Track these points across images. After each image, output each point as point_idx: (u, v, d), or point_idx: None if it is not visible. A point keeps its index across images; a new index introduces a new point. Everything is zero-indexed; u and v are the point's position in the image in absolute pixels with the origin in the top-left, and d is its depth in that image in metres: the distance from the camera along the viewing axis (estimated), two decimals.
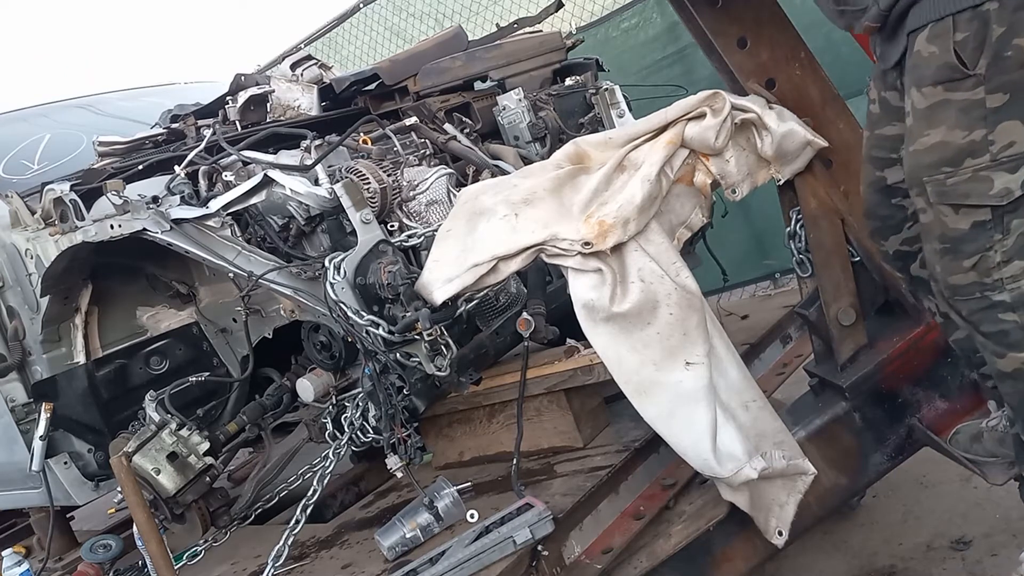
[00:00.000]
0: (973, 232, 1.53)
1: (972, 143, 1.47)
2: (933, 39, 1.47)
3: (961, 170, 1.49)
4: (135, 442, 2.36)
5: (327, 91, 3.07)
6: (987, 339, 1.62)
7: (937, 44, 1.46)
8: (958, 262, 1.56)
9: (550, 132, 2.85)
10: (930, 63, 1.48)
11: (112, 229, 2.25)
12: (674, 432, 1.78)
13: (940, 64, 1.46)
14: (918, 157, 1.55)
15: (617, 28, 5.15)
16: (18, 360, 2.65)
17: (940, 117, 1.49)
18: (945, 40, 1.45)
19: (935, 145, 1.51)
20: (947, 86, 1.47)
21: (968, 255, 1.55)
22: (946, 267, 1.59)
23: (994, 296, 1.56)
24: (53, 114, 3.77)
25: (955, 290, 1.60)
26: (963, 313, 1.62)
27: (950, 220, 1.54)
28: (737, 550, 1.98)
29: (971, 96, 1.45)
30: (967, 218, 1.52)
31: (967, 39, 1.43)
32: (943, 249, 1.58)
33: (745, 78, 1.96)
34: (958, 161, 1.49)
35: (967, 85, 1.45)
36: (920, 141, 1.53)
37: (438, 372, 2.00)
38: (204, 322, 2.76)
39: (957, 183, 1.51)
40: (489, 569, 1.81)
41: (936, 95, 1.49)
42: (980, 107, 1.45)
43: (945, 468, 2.62)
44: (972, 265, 1.55)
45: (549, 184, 1.83)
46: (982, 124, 1.46)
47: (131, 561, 2.73)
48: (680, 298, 1.75)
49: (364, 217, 2.05)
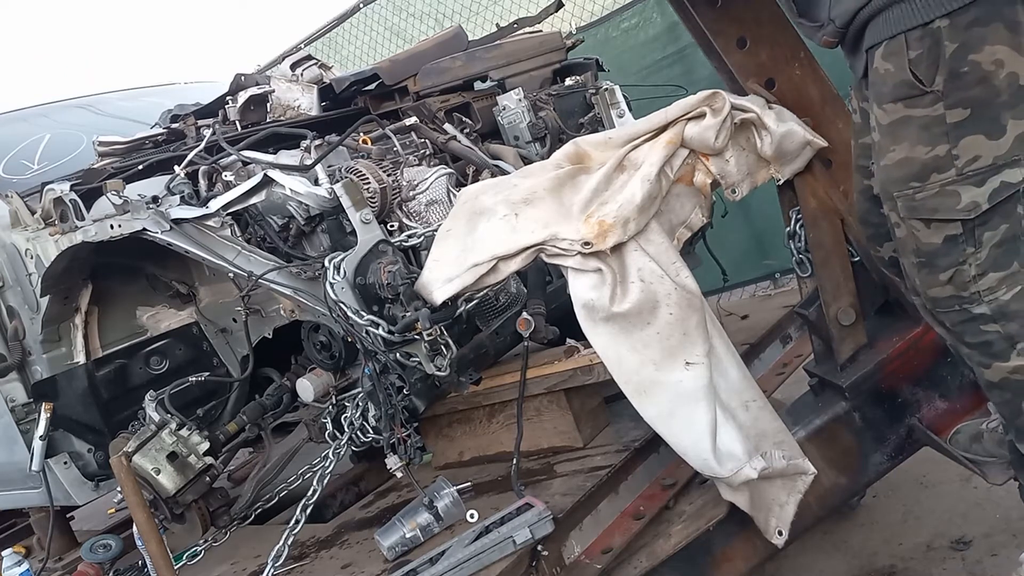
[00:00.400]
0: (946, 246, 1.53)
1: (936, 158, 1.48)
2: (888, 56, 1.47)
3: (928, 185, 1.50)
4: (135, 442, 2.36)
5: (327, 91, 3.07)
6: (972, 350, 1.62)
7: (892, 62, 1.47)
8: (934, 276, 1.57)
9: (550, 132, 2.85)
10: (887, 80, 1.49)
11: (112, 229, 2.25)
12: (674, 432, 1.78)
13: (897, 81, 1.47)
14: (887, 172, 1.56)
15: (617, 28, 5.15)
16: (18, 360, 2.65)
17: (903, 133, 1.50)
18: (900, 58, 1.45)
19: (901, 161, 1.52)
20: (906, 103, 1.47)
21: (943, 268, 1.55)
22: (924, 280, 1.59)
23: (973, 309, 1.56)
24: (53, 114, 3.77)
25: (935, 303, 1.61)
26: (947, 325, 1.63)
27: (922, 235, 1.55)
28: (737, 550, 1.98)
29: (930, 112, 1.45)
30: (939, 232, 1.53)
31: (920, 56, 1.43)
32: (919, 263, 1.59)
33: (745, 78, 1.95)
34: (924, 176, 1.50)
35: (925, 102, 1.45)
36: (888, 156, 1.54)
37: (438, 372, 2.00)
38: (204, 322, 2.76)
39: (925, 198, 1.51)
40: (489, 569, 1.81)
41: (897, 111, 1.49)
42: (941, 123, 1.45)
43: (945, 468, 2.62)
44: (948, 279, 1.56)
45: (549, 184, 1.83)
46: (944, 139, 1.46)
47: (131, 561, 2.73)
48: (680, 298, 1.75)
49: (364, 217, 2.05)
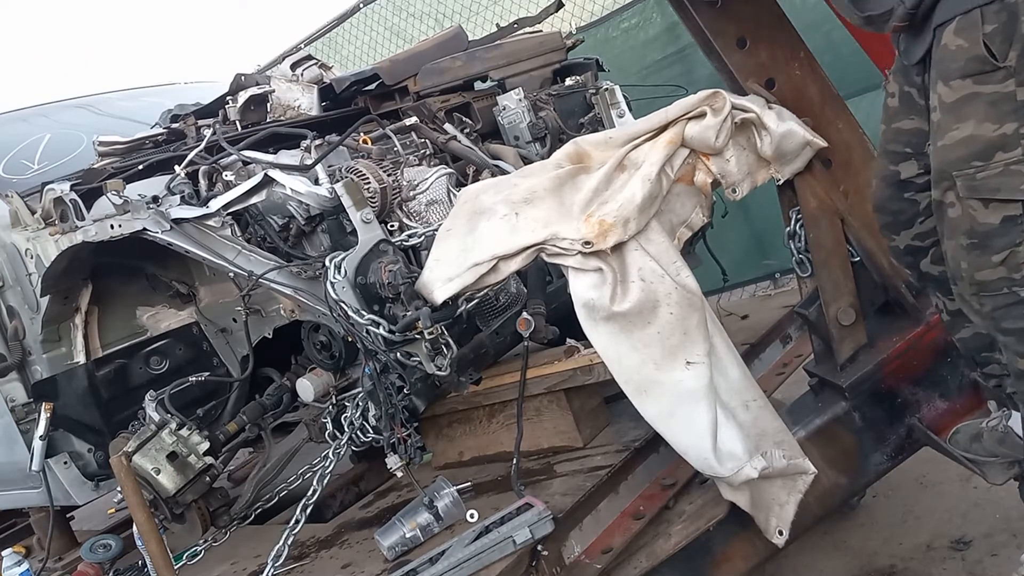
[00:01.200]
0: (1003, 227, 1.51)
1: (1003, 136, 1.46)
2: (961, 32, 1.45)
3: (992, 164, 1.48)
4: (135, 442, 2.36)
5: (327, 91, 3.07)
6: (1009, 337, 1.60)
7: (965, 37, 1.45)
8: (986, 257, 1.54)
9: (550, 132, 2.85)
10: (958, 56, 1.46)
11: (112, 229, 2.25)
12: (674, 431, 1.78)
13: (969, 57, 1.45)
14: (947, 151, 1.53)
15: (617, 28, 5.15)
16: (18, 360, 2.65)
17: (969, 110, 1.47)
18: (974, 32, 1.43)
19: (965, 139, 1.49)
20: (976, 79, 1.45)
21: (997, 250, 1.53)
22: (973, 262, 1.56)
23: (1022, 292, 1.54)
24: (53, 114, 3.77)
25: (982, 286, 1.57)
26: (987, 309, 1.60)
27: (979, 215, 1.52)
28: (737, 550, 1.98)
29: (1001, 89, 1.44)
30: (997, 213, 1.50)
31: (995, 31, 1.41)
32: (971, 244, 1.55)
33: (744, 78, 1.96)
34: (988, 155, 1.48)
35: (997, 78, 1.44)
36: (949, 135, 1.51)
37: (438, 372, 2.00)
38: (204, 322, 2.76)
39: (987, 177, 1.49)
40: (489, 569, 1.81)
41: (965, 88, 1.47)
42: (1011, 100, 1.44)
43: (945, 468, 2.62)
44: (1001, 260, 1.53)
45: (549, 183, 1.83)
46: (1013, 117, 1.44)
47: (131, 561, 2.73)
48: (680, 297, 1.75)
49: (364, 216, 2.05)
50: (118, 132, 2.86)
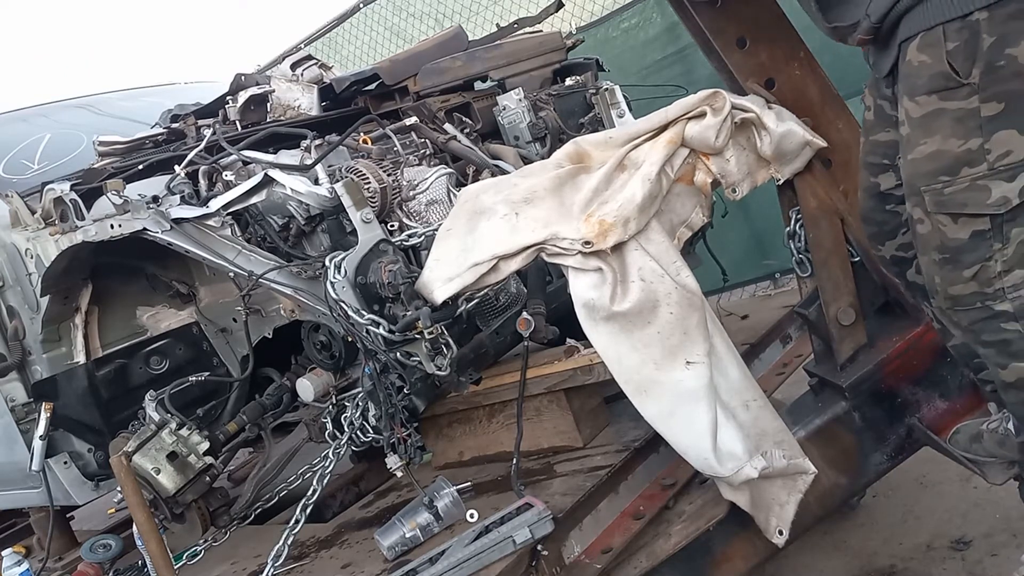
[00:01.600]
0: (973, 242, 1.52)
1: (968, 152, 1.46)
2: (924, 48, 1.46)
3: (959, 179, 1.49)
4: (135, 442, 2.36)
5: (327, 91, 3.07)
6: (989, 349, 1.61)
7: (928, 53, 1.46)
8: (958, 272, 1.55)
9: (550, 132, 2.85)
10: (922, 72, 1.48)
11: (112, 229, 2.25)
12: (674, 431, 1.78)
13: (933, 73, 1.46)
14: (915, 166, 1.54)
15: (617, 28, 5.15)
16: (18, 360, 2.66)
17: (935, 126, 1.49)
18: (937, 49, 1.44)
19: (932, 154, 1.50)
20: (941, 95, 1.47)
21: (968, 265, 1.54)
22: (945, 277, 1.57)
23: (996, 306, 1.55)
24: (53, 114, 3.77)
25: (955, 300, 1.59)
26: (963, 324, 1.61)
27: (949, 230, 1.53)
28: (737, 550, 1.98)
29: (965, 105, 1.45)
30: (966, 227, 1.51)
31: (958, 48, 1.42)
32: (942, 259, 1.57)
33: (744, 78, 1.96)
34: (955, 170, 1.49)
35: (961, 94, 1.44)
36: (917, 150, 1.53)
37: (438, 372, 2.00)
38: (204, 322, 2.76)
39: (955, 192, 1.50)
40: (489, 569, 1.81)
41: (930, 104, 1.48)
42: (975, 116, 1.44)
43: (945, 468, 2.62)
44: (972, 275, 1.54)
45: (549, 183, 1.83)
46: (978, 133, 1.45)
47: (131, 561, 2.73)
48: (680, 297, 1.75)
49: (365, 216, 2.05)
50: (118, 132, 2.86)
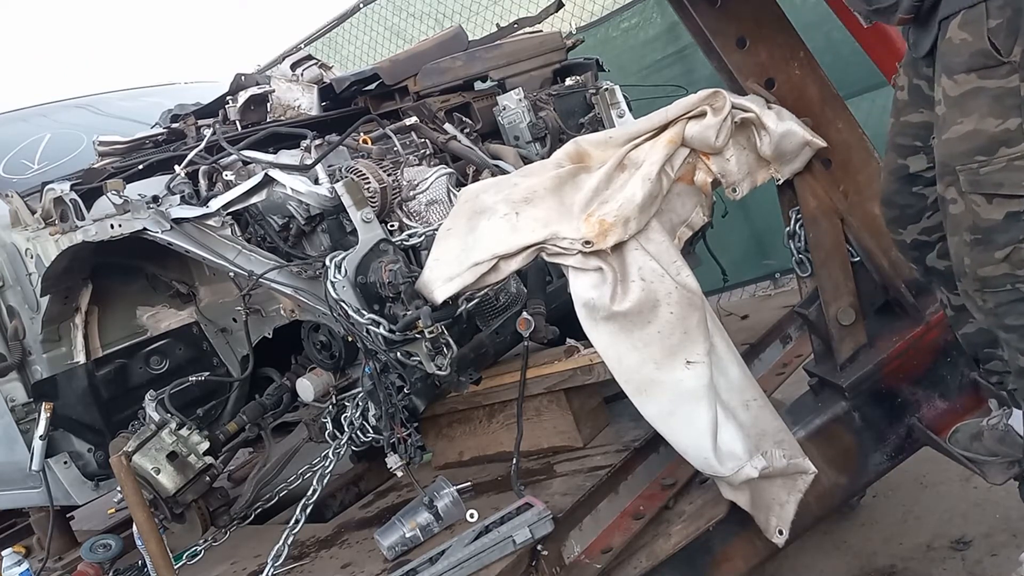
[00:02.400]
0: (1006, 223, 1.50)
1: (1007, 131, 1.45)
2: (965, 26, 1.45)
3: (995, 159, 1.47)
4: (135, 441, 2.36)
5: (327, 91, 3.07)
6: (1011, 334, 1.60)
7: (969, 31, 1.44)
8: (989, 253, 1.53)
9: (550, 132, 2.85)
10: (962, 50, 1.46)
11: (112, 228, 2.25)
12: (675, 431, 1.78)
13: (973, 51, 1.44)
14: (950, 145, 1.52)
15: (617, 28, 5.15)
16: (18, 360, 2.66)
17: (973, 105, 1.47)
18: (978, 27, 1.43)
19: (968, 133, 1.49)
20: (980, 73, 1.45)
21: (1000, 246, 1.52)
22: (976, 258, 1.56)
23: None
24: (53, 114, 3.77)
25: (984, 282, 1.57)
26: (990, 305, 1.59)
27: (983, 210, 1.51)
28: (737, 550, 1.98)
29: (1005, 84, 1.43)
30: (1000, 208, 1.50)
31: (1000, 25, 1.41)
32: (974, 240, 1.55)
33: (744, 78, 1.96)
34: (992, 150, 1.47)
35: (1001, 72, 1.43)
36: (953, 129, 1.51)
37: (438, 371, 2.00)
38: (204, 322, 2.76)
39: (991, 172, 1.48)
40: (489, 569, 1.81)
41: (969, 82, 1.47)
42: (1015, 95, 1.43)
43: (945, 468, 2.62)
44: (1004, 256, 1.52)
45: (550, 183, 1.83)
46: (1017, 112, 1.44)
47: (131, 561, 2.73)
48: (680, 297, 1.75)
49: (365, 216, 2.05)
50: (118, 132, 2.86)
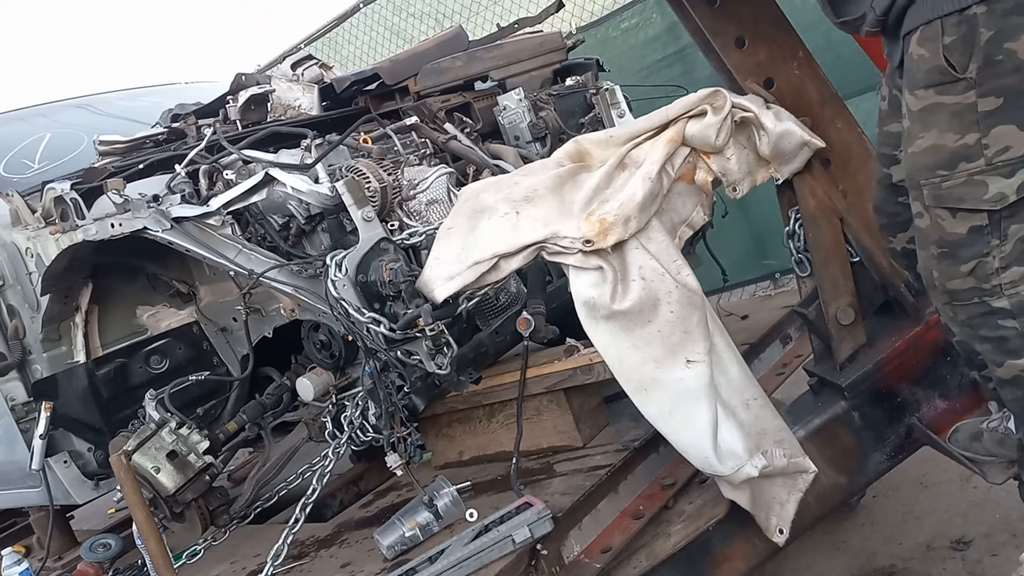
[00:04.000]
0: (970, 237, 1.52)
1: (965, 147, 1.47)
2: (923, 42, 1.47)
3: (956, 173, 1.49)
4: (135, 440, 2.36)
5: (328, 91, 3.07)
6: (985, 345, 1.61)
7: (927, 47, 1.46)
8: (956, 267, 1.55)
9: (550, 132, 2.85)
10: (920, 66, 1.48)
11: (113, 228, 2.25)
12: (675, 430, 1.78)
13: (930, 67, 1.46)
14: (914, 159, 1.55)
15: (617, 28, 5.15)
16: (18, 359, 2.66)
17: (933, 120, 1.49)
18: (934, 43, 1.45)
19: (929, 148, 1.51)
20: (938, 89, 1.47)
21: (965, 260, 1.54)
22: (944, 272, 1.58)
23: (993, 302, 1.55)
24: (53, 114, 3.77)
25: (952, 295, 1.59)
26: (960, 319, 1.61)
27: (947, 224, 1.53)
28: (737, 550, 1.98)
29: (962, 100, 1.45)
30: (964, 222, 1.51)
31: (955, 42, 1.42)
32: (940, 254, 1.57)
33: (743, 77, 1.96)
34: (952, 164, 1.49)
35: (958, 89, 1.45)
36: (916, 143, 1.53)
37: (438, 370, 2.00)
38: (204, 321, 2.76)
39: (952, 187, 1.50)
40: (488, 568, 1.81)
41: (928, 98, 1.49)
42: (972, 111, 1.45)
43: (945, 468, 2.62)
44: (970, 270, 1.54)
45: (550, 182, 1.83)
46: (975, 128, 1.45)
47: (131, 560, 2.73)
48: (681, 296, 1.75)
49: (366, 215, 2.05)
50: (118, 132, 2.86)
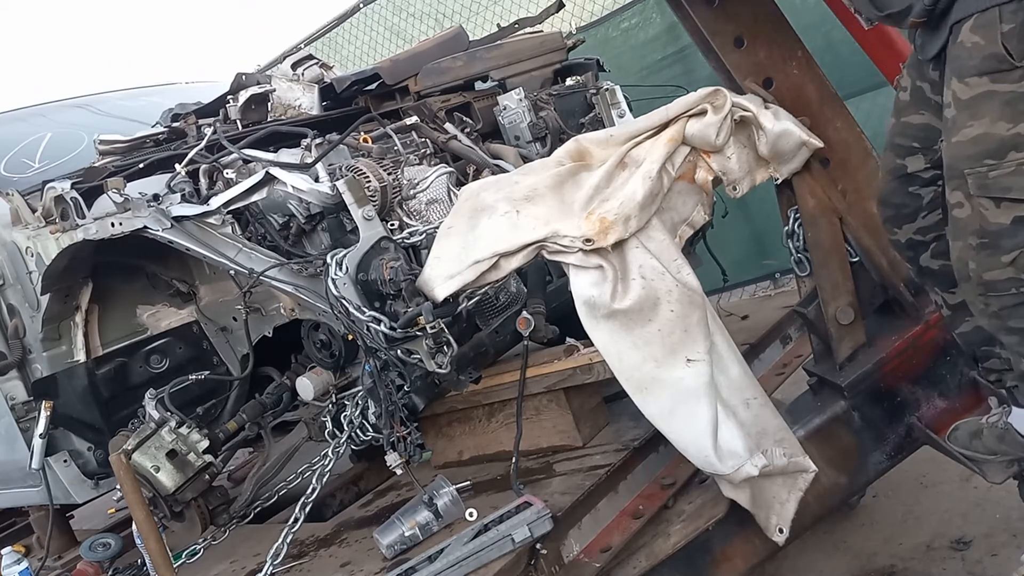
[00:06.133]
0: (1014, 227, 1.50)
1: (1017, 136, 1.45)
2: (978, 29, 1.45)
3: (1005, 163, 1.47)
4: (135, 440, 2.36)
5: (328, 90, 3.07)
6: (1013, 337, 1.60)
7: (982, 34, 1.44)
8: (995, 257, 1.53)
9: (551, 132, 2.85)
10: (974, 53, 1.46)
11: (113, 227, 2.26)
12: (675, 429, 1.78)
13: (986, 55, 1.44)
14: (959, 148, 1.52)
15: (617, 28, 5.16)
16: (18, 358, 2.66)
17: (984, 108, 1.47)
18: (991, 31, 1.43)
19: (978, 137, 1.49)
20: (992, 77, 1.45)
21: (1007, 250, 1.52)
22: (982, 262, 1.56)
23: None
24: (53, 114, 3.76)
25: (989, 286, 1.56)
26: (994, 309, 1.59)
27: (990, 214, 1.51)
28: (736, 549, 1.98)
29: (1017, 88, 1.43)
30: (1008, 212, 1.50)
31: (1013, 30, 1.41)
32: (980, 244, 1.55)
33: (742, 77, 1.96)
34: (1001, 154, 1.47)
35: (1013, 77, 1.43)
36: (962, 132, 1.51)
37: (439, 369, 2.00)
38: (204, 320, 2.76)
39: (1000, 176, 1.48)
40: (487, 567, 1.81)
41: (980, 86, 1.47)
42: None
43: (945, 468, 2.62)
44: (1011, 260, 1.52)
45: (550, 181, 1.84)
46: None
47: (130, 560, 2.73)
48: (681, 295, 1.75)
49: (366, 214, 2.05)
50: (118, 131, 2.86)
